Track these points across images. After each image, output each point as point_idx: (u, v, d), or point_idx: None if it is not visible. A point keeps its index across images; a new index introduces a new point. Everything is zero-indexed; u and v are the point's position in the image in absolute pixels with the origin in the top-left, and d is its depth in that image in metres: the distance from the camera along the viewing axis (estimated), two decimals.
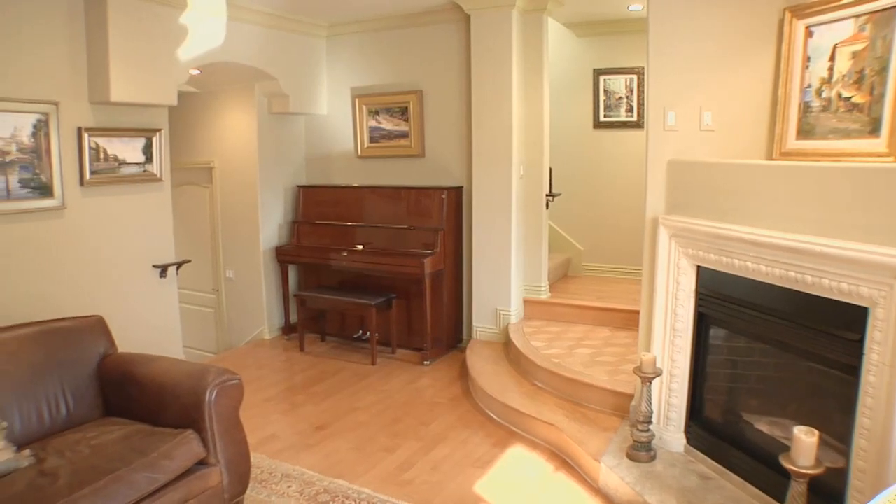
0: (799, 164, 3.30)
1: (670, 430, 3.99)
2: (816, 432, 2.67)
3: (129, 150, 5.28)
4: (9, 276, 4.55)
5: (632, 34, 6.92)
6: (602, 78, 7.36)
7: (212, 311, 7.73)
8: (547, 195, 6.45)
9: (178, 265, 5.84)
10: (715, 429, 3.81)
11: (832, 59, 3.39)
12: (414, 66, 6.73)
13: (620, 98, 7.32)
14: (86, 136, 4.94)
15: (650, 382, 3.84)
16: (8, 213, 4.52)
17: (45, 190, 4.71)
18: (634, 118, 7.26)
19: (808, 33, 3.52)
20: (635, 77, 7.18)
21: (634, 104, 7.25)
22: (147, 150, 5.40)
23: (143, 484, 3.11)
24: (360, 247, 6.63)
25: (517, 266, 6.30)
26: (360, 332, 6.87)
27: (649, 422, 3.87)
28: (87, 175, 4.98)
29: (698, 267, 3.79)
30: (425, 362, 6.29)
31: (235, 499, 3.65)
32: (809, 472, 2.67)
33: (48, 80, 4.70)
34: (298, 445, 4.64)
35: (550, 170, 6.52)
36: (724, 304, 3.65)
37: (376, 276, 6.55)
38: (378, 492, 3.94)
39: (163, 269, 5.62)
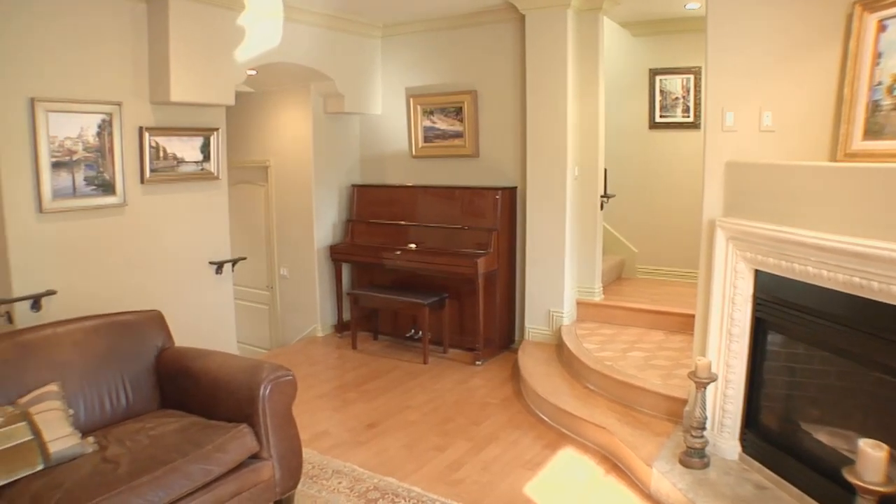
0: (866, 165, 3.18)
1: (725, 436, 3.91)
2: (885, 446, 2.57)
3: (187, 149, 5.40)
4: (74, 270, 4.71)
5: (689, 33, 6.81)
6: (658, 78, 7.26)
7: (266, 307, 7.85)
8: (601, 196, 6.39)
9: (234, 262, 5.95)
10: (772, 437, 3.71)
11: None
12: (468, 66, 6.73)
13: (677, 98, 7.21)
14: (146, 135, 5.07)
15: (705, 388, 3.77)
16: (74, 210, 4.68)
17: (107, 187, 4.86)
18: (691, 119, 7.14)
19: (881, 27, 3.38)
20: (692, 77, 7.06)
21: (691, 104, 7.13)
22: (205, 149, 5.51)
23: (198, 475, 3.18)
24: (414, 246, 6.65)
25: (570, 267, 6.25)
26: (413, 331, 6.89)
27: (703, 428, 3.79)
28: (148, 173, 5.11)
29: (756, 271, 3.71)
30: (477, 362, 6.28)
31: (286, 493, 3.69)
32: (879, 488, 2.56)
33: (112, 82, 4.85)
34: (349, 442, 4.67)
35: (605, 171, 6.45)
36: (783, 309, 3.55)
37: (429, 276, 6.57)
38: (428, 490, 3.95)
39: (219, 266, 5.73)
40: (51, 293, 4.53)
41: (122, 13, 4.87)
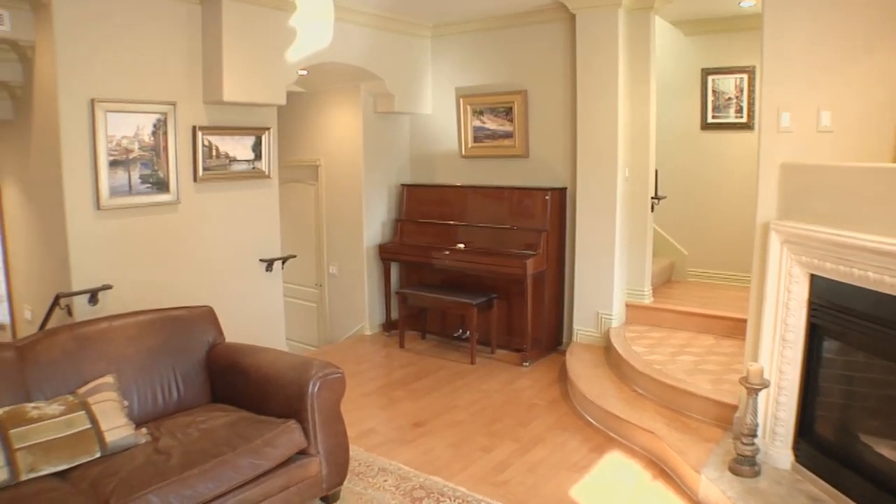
0: None
1: (777, 445, 3.82)
2: None
3: (239, 148, 5.48)
4: (129, 265, 4.83)
5: (743, 31, 6.67)
6: (711, 78, 7.13)
7: (314, 305, 7.93)
8: (652, 198, 6.31)
9: (284, 260, 6.03)
10: (827, 448, 3.60)
11: None
12: (518, 66, 6.70)
13: (730, 98, 7.07)
14: (199, 134, 5.17)
15: (756, 394, 3.68)
16: (129, 207, 4.80)
17: (161, 185, 4.97)
18: (744, 119, 6.99)
19: None
20: (746, 76, 6.91)
21: (745, 105, 6.99)
22: (256, 148, 5.59)
23: (247, 469, 3.24)
24: (462, 246, 6.65)
25: (620, 269, 6.19)
26: (460, 330, 6.89)
27: (754, 435, 3.70)
28: (200, 171, 5.21)
29: (812, 275, 3.61)
30: (524, 363, 6.25)
31: (333, 489, 3.73)
32: None
33: (167, 82, 4.97)
34: (396, 440, 4.69)
35: (656, 172, 6.37)
36: (840, 315, 3.44)
37: (477, 276, 6.56)
38: (473, 491, 3.94)
39: (269, 264, 5.81)
40: (107, 288, 4.65)
41: (177, 15, 4.98)
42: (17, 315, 5.41)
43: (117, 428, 3.35)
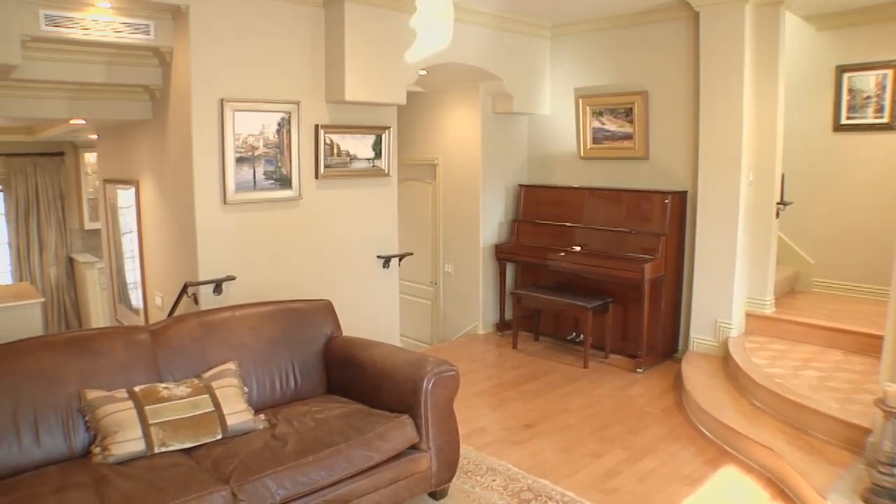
0: None
1: None
2: None
3: (359, 147, 5.62)
4: (252, 258, 5.05)
5: (888, 22, 6.22)
6: (846, 75, 6.70)
7: (429, 303, 8.03)
8: (778, 204, 6.02)
9: (401, 257, 6.13)
10: None
11: None
12: (639, 66, 6.55)
13: (868, 97, 6.64)
14: (321, 132, 5.33)
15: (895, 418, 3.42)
16: (253, 202, 5.02)
17: (284, 182, 5.16)
18: (885, 119, 6.53)
19: None
20: (889, 73, 6.45)
21: (886, 103, 6.52)
22: (376, 147, 5.72)
23: (359, 460, 3.32)
24: (578, 248, 6.57)
25: (741, 277, 5.94)
26: (574, 333, 6.82)
27: (893, 465, 3.38)
28: (322, 169, 5.37)
29: None
30: (638, 370, 6.12)
31: (441, 486, 3.77)
32: None
33: (291, 82, 5.16)
34: (505, 441, 4.69)
35: (783, 176, 6.07)
36: None
37: (593, 279, 6.46)
38: (581, 496, 3.89)
39: (386, 260, 5.92)
40: (231, 279, 4.87)
41: (302, 18, 5.16)
42: (149, 301, 5.75)
43: (238, 412, 3.52)
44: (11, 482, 2.97)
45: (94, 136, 7.50)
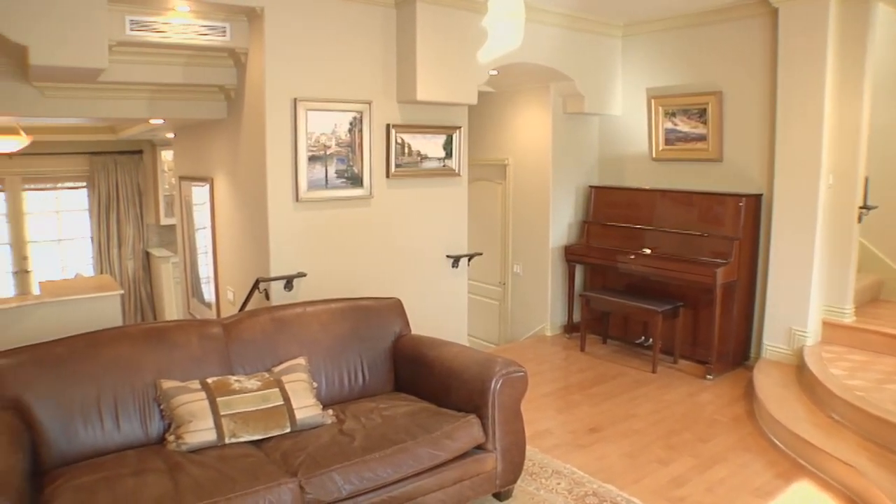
0: None
1: None
2: None
3: (430, 146, 5.64)
4: (322, 255, 5.12)
5: None
6: None
7: (497, 303, 8.01)
8: (860, 208, 5.77)
9: (471, 257, 6.13)
10: None
11: None
12: (713, 66, 6.38)
13: None
14: (393, 132, 5.38)
15: None
16: (325, 200, 5.10)
17: (355, 180, 5.22)
18: None
19: None
20: None
21: None
22: (447, 146, 5.73)
23: (425, 458, 3.33)
24: (649, 251, 6.45)
25: (818, 284, 5.73)
26: (643, 337, 6.71)
27: None
28: (392, 168, 5.42)
29: None
30: (708, 376, 5.97)
31: (506, 487, 3.75)
32: None
33: (364, 82, 5.23)
34: (571, 444, 4.64)
35: (866, 179, 5.82)
36: None
37: (663, 282, 6.34)
38: (647, 503, 3.82)
39: (455, 260, 5.93)
40: (301, 275, 4.95)
41: (374, 18, 5.21)
42: (221, 295, 5.89)
43: (307, 407, 3.58)
44: (96, 462, 3.15)
45: (171, 135, 7.74)
